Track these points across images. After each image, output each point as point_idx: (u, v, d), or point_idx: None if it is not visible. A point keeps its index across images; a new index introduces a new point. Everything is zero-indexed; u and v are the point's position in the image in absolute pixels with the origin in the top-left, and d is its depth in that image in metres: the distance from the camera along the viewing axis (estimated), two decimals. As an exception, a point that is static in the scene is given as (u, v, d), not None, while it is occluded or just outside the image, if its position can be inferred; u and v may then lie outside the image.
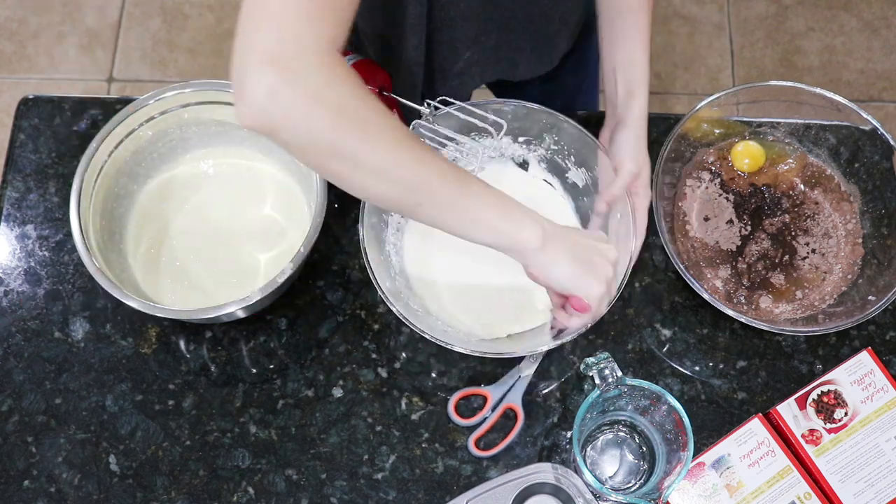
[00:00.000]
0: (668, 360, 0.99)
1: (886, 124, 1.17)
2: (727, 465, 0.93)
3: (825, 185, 1.05)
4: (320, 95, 0.64)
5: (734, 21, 2.15)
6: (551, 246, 0.75)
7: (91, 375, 0.97)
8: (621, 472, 0.94)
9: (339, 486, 0.94)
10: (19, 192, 1.05)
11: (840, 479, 0.93)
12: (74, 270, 1.01)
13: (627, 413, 0.94)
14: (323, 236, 0.91)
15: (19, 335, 0.99)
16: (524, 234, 0.74)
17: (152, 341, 0.99)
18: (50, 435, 0.95)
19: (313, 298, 1.01)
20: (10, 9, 2.13)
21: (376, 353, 0.99)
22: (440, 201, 0.71)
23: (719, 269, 1.01)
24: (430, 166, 0.70)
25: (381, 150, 0.67)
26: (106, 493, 0.93)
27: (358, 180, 0.69)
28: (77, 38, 2.10)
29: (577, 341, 0.99)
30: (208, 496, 0.93)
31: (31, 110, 1.09)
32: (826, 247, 1.03)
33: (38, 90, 2.05)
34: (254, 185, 1.03)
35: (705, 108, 1.01)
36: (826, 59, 2.12)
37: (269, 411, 0.97)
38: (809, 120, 1.05)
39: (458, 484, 0.94)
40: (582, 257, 0.78)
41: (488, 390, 0.97)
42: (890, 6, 2.17)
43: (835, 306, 0.98)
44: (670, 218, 1.02)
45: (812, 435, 0.94)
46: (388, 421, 0.96)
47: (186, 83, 0.96)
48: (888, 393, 0.96)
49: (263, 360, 0.98)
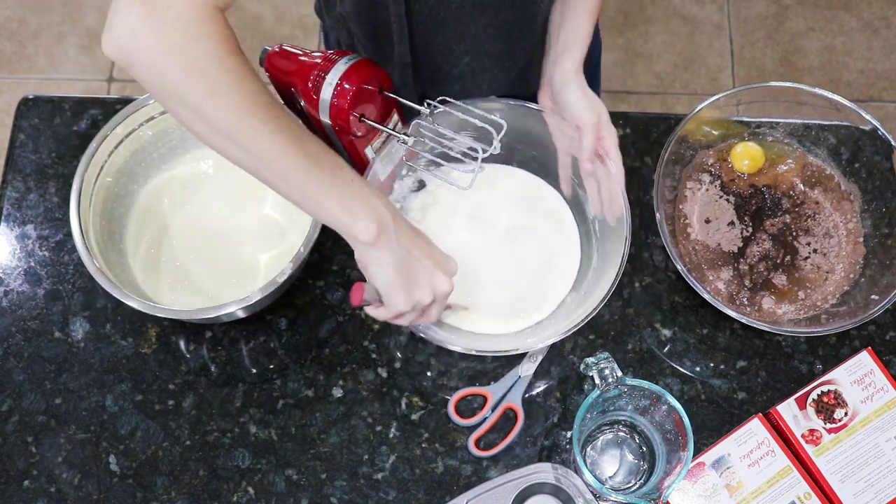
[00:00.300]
0: (668, 360, 0.99)
1: (886, 124, 1.17)
2: (727, 465, 0.93)
3: (825, 185, 1.05)
4: (178, 47, 0.67)
5: (734, 21, 2.15)
6: (382, 245, 0.76)
7: (91, 375, 0.97)
8: (621, 472, 0.94)
9: (339, 486, 0.94)
10: (19, 192, 1.05)
11: (840, 479, 0.93)
12: (74, 270, 1.01)
13: (627, 413, 0.94)
14: (323, 236, 0.91)
15: (19, 335, 0.99)
16: (357, 226, 0.75)
17: (152, 341, 0.99)
18: (50, 435, 0.95)
19: (313, 298, 1.01)
20: (10, 9, 2.13)
21: (376, 353, 0.99)
22: (279, 173, 0.73)
23: (721, 271, 1.01)
24: (274, 137, 0.71)
25: (224, 110, 0.69)
26: (106, 493, 0.93)
27: (200, 131, 0.71)
28: (77, 38, 2.11)
29: (576, 341, 0.99)
30: (208, 496, 0.93)
31: (31, 110, 1.09)
32: (827, 246, 1.03)
33: (38, 90, 2.05)
34: (254, 185, 1.01)
35: (705, 108, 1.01)
36: (826, 59, 2.12)
37: (269, 411, 0.97)
38: (809, 120, 1.05)
39: (458, 484, 0.94)
40: (407, 270, 0.78)
41: (488, 390, 0.97)
42: (890, 6, 2.17)
43: (837, 306, 0.98)
44: (672, 221, 1.02)
45: (812, 435, 0.94)
46: (388, 421, 0.96)
47: (186, 83, 0.96)
48: (888, 393, 0.96)
49: (263, 360, 0.98)
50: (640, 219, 1.04)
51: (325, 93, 0.86)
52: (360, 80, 0.86)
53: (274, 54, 0.90)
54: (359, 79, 0.86)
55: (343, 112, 0.86)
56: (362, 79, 0.87)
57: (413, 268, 0.79)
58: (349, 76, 0.86)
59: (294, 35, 2.10)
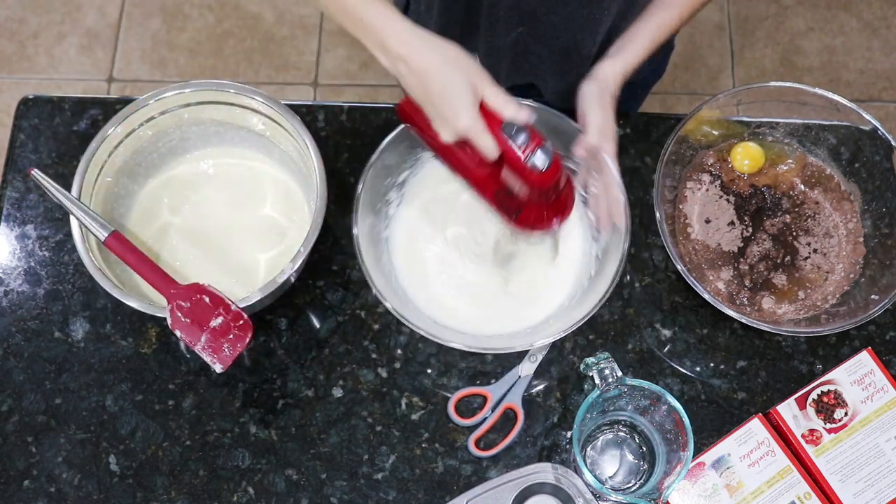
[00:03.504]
0: (668, 360, 0.99)
1: (886, 124, 1.17)
2: (727, 465, 0.93)
3: (825, 185, 1.05)
4: None
5: (734, 21, 2.15)
6: (401, 76, 0.81)
7: (91, 375, 0.97)
8: (621, 472, 0.94)
9: (339, 486, 0.94)
10: (19, 192, 1.05)
11: (840, 479, 0.93)
12: (74, 270, 1.01)
13: (627, 413, 0.94)
14: (323, 236, 0.91)
15: (19, 335, 0.99)
16: (375, 52, 0.81)
17: (152, 341, 0.99)
18: (50, 435, 0.95)
19: (313, 298, 1.01)
20: (10, 9, 2.13)
21: (376, 353, 0.99)
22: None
23: (721, 271, 1.01)
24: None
25: None
26: (106, 493, 0.93)
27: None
28: (77, 38, 2.11)
29: (577, 341, 0.99)
30: (208, 496, 0.94)
31: (31, 110, 1.09)
32: (827, 246, 1.03)
33: (38, 90, 2.05)
34: (254, 185, 1.03)
35: (705, 109, 1.01)
36: (826, 59, 2.12)
37: (269, 411, 0.97)
38: (809, 120, 1.05)
39: (458, 484, 0.94)
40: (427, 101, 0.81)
41: (488, 390, 0.97)
42: (890, 6, 2.17)
43: (837, 306, 0.98)
44: (671, 221, 1.02)
45: (812, 435, 0.94)
46: (388, 421, 0.96)
47: (186, 83, 0.96)
48: (888, 393, 0.96)
49: (263, 360, 0.98)
50: (640, 219, 1.04)
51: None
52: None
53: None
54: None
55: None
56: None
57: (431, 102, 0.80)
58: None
59: (294, 35, 2.10)
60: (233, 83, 0.96)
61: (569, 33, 1.00)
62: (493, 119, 0.80)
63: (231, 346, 0.84)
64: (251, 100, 0.96)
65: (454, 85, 0.77)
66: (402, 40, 0.78)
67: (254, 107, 0.96)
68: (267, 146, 1.01)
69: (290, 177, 1.02)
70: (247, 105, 0.97)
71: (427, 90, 0.79)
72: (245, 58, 2.08)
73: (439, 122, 0.81)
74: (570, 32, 1.00)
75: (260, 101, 0.95)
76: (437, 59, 0.78)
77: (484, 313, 0.98)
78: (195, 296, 0.85)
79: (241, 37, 2.10)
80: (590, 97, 0.92)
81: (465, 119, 0.78)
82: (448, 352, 0.98)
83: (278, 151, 1.01)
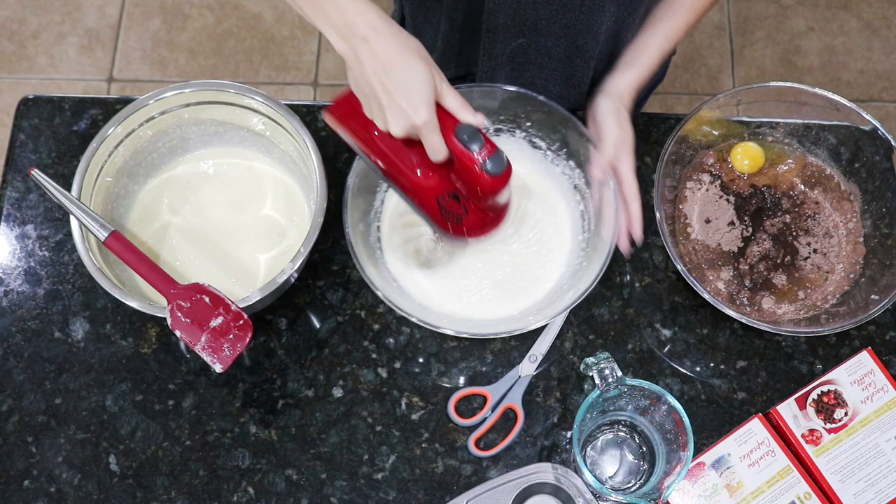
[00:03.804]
0: (668, 360, 0.99)
1: (886, 124, 1.17)
2: (727, 465, 0.93)
3: (825, 185, 1.05)
4: None
5: (734, 21, 2.15)
6: (350, 65, 0.77)
7: (91, 375, 0.97)
8: (621, 472, 0.94)
9: (339, 486, 0.94)
10: (19, 192, 1.05)
11: (840, 479, 0.93)
12: (74, 270, 1.01)
13: (627, 413, 0.94)
14: (323, 236, 0.91)
15: (19, 335, 0.99)
16: (331, 37, 0.77)
17: (152, 341, 0.99)
18: (50, 435, 0.95)
19: (313, 298, 1.01)
20: (10, 9, 2.13)
21: (376, 353, 0.99)
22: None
23: (721, 271, 1.01)
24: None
25: None
26: (106, 493, 0.93)
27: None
28: (77, 38, 2.11)
29: (577, 341, 1.00)
30: (208, 496, 0.94)
31: (31, 110, 1.09)
32: (827, 246, 1.03)
33: (38, 90, 2.05)
34: (254, 185, 1.03)
35: (705, 109, 1.01)
36: (826, 59, 2.12)
37: (269, 411, 0.97)
38: (809, 120, 1.05)
39: (458, 484, 0.94)
40: (371, 95, 0.78)
41: (488, 390, 0.97)
42: (890, 6, 2.17)
43: (837, 306, 0.98)
44: (671, 221, 1.02)
45: (812, 435, 0.94)
46: (388, 421, 0.96)
47: (186, 83, 0.96)
48: (888, 393, 0.96)
49: (263, 360, 0.98)
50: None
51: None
52: None
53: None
54: None
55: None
56: None
57: (376, 97, 0.77)
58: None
59: (294, 35, 2.10)
60: (233, 83, 0.96)
61: (569, 40, 1.00)
62: (448, 120, 0.78)
63: (231, 346, 0.84)
64: (251, 100, 0.96)
65: (419, 77, 0.75)
66: (371, 22, 0.74)
67: (254, 107, 0.96)
68: (267, 146, 1.01)
69: (290, 177, 1.02)
70: (247, 105, 0.97)
71: (387, 78, 0.75)
72: (245, 58, 2.08)
73: (393, 114, 0.76)
74: (571, 39, 1.00)
75: (260, 101, 0.95)
76: (404, 49, 0.75)
77: (477, 298, 0.98)
78: (195, 296, 0.85)
79: (241, 37, 2.10)
80: (606, 112, 0.93)
81: (424, 114, 0.75)
82: (448, 351, 0.98)
83: (278, 151, 1.01)
